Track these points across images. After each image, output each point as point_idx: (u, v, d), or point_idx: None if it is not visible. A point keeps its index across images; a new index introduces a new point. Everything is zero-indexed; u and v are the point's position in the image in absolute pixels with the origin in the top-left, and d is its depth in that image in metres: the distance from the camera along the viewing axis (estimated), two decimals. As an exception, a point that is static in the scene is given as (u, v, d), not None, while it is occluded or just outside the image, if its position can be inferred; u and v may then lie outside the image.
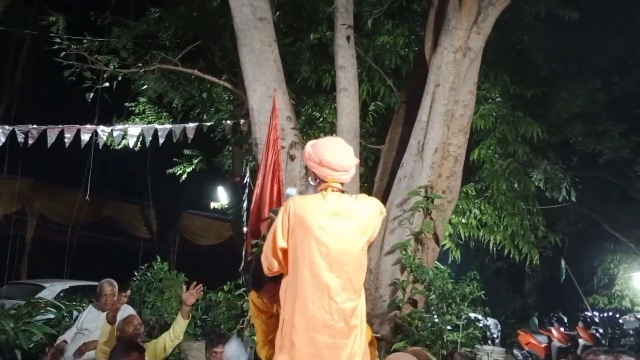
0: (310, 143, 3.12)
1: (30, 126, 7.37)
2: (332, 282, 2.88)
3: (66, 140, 7.52)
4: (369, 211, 3.02)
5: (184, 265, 7.43)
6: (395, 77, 8.29)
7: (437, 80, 6.14)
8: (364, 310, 2.99)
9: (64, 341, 5.78)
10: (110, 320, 4.74)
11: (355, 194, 3.11)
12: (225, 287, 7.40)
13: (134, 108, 9.88)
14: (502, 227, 8.74)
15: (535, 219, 8.86)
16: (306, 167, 6.25)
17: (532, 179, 9.39)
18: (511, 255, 8.91)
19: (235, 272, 8.86)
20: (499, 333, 12.44)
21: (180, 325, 4.90)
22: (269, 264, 2.99)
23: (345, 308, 2.89)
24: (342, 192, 3.02)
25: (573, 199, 10.20)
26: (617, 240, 16.48)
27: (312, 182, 3.09)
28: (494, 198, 8.76)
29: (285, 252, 2.93)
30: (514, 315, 16.52)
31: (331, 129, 9.02)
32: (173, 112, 9.90)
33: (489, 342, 10.52)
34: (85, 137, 7.69)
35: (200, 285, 4.88)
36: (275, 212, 3.31)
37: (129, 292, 4.91)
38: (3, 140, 7.49)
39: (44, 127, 7.40)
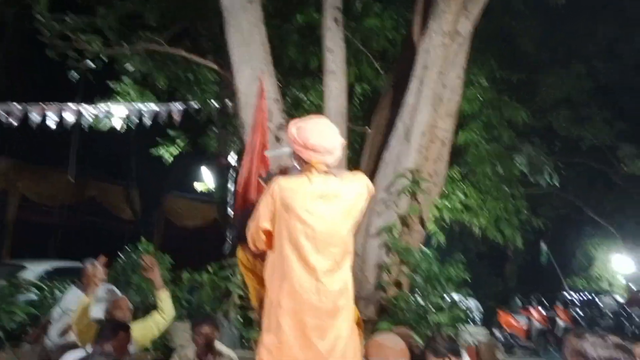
0: (294, 124, 3.08)
1: (12, 105, 7.24)
2: (319, 264, 2.90)
3: (49, 119, 7.41)
4: (355, 192, 3.03)
5: (168, 247, 7.42)
6: (383, 60, 8.29)
7: (425, 64, 6.15)
8: (351, 291, 3.02)
9: (48, 321, 5.76)
10: (87, 293, 4.65)
11: (340, 175, 3.11)
12: (209, 268, 7.41)
13: (118, 88, 9.77)
14: (486, 211, 8.82)
15: (519, 203, 8.96)
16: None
17: (517, 164, 9.47)
18: (494, 239, 9.01)
19: (220, 254, 8.87)
20: (480, 314, 12.61)
21: (162, 299, 4.85)
22: (253, 241, 3.02)
23: (332, 290, 2.92)
24: (328, 173, 3.02)
25: (556, 183, 10.30)
26: (597, 224, 16.73)
27: (296, 164, 3.09)
28: (478, 182, 8.83)
29: (268, 232, 2.95)
30: (495, 297, 16.73)
31: (317, 112, 8.97)
32: (158, 93, 9.80)
33: (470, 323, 10.66)
34: (69, 116, 7.57)
35: (149, 256, 4.82)
36: (264, 179, 3.33)
37: (105, 260, 4.79)
38: (-17, 118, 7.37)
39: (27, 105, 7.27)
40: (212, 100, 9.33)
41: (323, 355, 2.84)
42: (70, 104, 7.73)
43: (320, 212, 2.91)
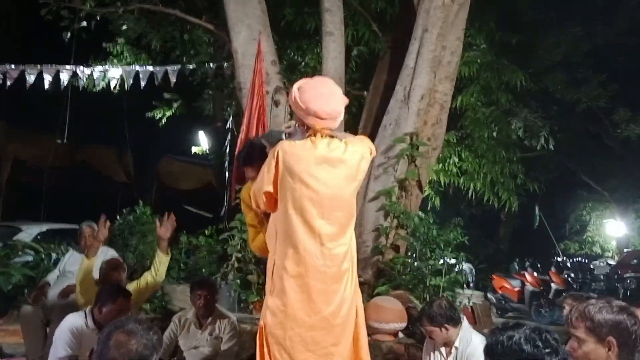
0: (297, 86, 3.01)
1: (7, 66, 7.11)
2: (323, 228, 2.89)
3: (45, 80, 7.29)
4: (359, 155, 3.00)
5: (163, 210, 7.35)
6: (380, 22, 8.15)
7: (425, 26, 6.06)
8: (354, 253, 3.04)
9: (47, 283, 5.76)
10: (88, 254, 4.66)
11: (344, 138, 3.08)
12: (206, 231, 7.43)
13: (111, 49, 9.59)
14: (482, 175, 8.84)
15: (515, 167, 8.98)
16: (292, 112, 6.20)
17: (513, 127, 9.46)
18: (490, 202, 9.06)
19: (215, 217, 8.87)
20: (474, 277, 12.76)
21: (161, 261, 4.83)
22: (256, 202, 3.01)
23: (337, 253, 2.93)
24: (332, 137, 2.98)
25: (551, 147, 10.33)
26: (591, 188, 16.83)
27: (298, 128, 3.04)
28: (475, 146, 8.82)
29: (270, 195, 2.93)
30: (487, 261, 16.93)
31: (314, 74, 8.85)
32: (152, 54, 9.64)
33: (464, 286, 10.81)
34: (64, 77, 7.46)
35: (173, 216, 4.80)
36: (265, 138, 3.30)
37: (108, 223, 4.78)
38: (-21, 80, 7.24)
39: (22, 67, 7.15)
40: (207, 62, 9.19)
41: (327, 318, 2.86)
42: (67, 66, 7.58)
43: (324, 177, 2.89)
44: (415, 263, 5.66)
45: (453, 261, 5.89)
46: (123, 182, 17.66)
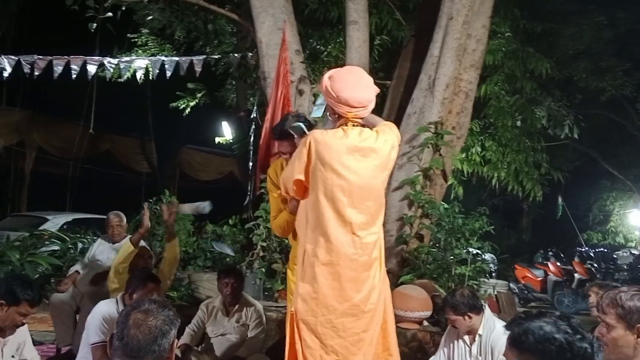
0: (328, 75, 3.06)
1: (36, 57, 7.19)
2: (354, 217, 2.92)
3: (73, 72, 7.37)
4: (390, 144, 3.03)
5: (184, 199, 7.45)
6: (403, 10, 8.09)
7: (451, 14, 6.01)
8: (382, 241, 3.06)
9: (77, 271, 5.87)
10: (135, 243, 4.78)
11: (375, 125, 3.10)
12: (230, 220, 7.48)
13: (136, 40, 9.66)
14: (506, 164, 8.77)
15: (539, 156, 8.90)
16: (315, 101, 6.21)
17: (537, 116, 9.36)
18: (514, 192, 8.99)
19: (238, 206, 8.92)
20: (495, 267, 12.73)
21: (170, 249, 4.98)
22: (285, 188, 3.05)
23: (367, 242, 2.96)
24: (363, 126, 3.01)
25: (575, 136, 10.21)
26: (614, 177, 16.64)
27: (330, 117, 3.06)
28: (498, 135, 8.75)
29: (300, 183, 2.96)
30: (509, 251, 16.85)
31: (336, 63, 8.87)
32: (175, 45, 9.70)
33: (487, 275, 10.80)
34: (91, 68, 7.54)
35: (175, 200, 4.91)
36: (297, 120, 3.33)
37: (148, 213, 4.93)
38: (9, 70, 7.33)
39: (50, 57, 7.23)
40: (230, 52, 9.22)
41: (358, 305, 2.90)
42: (94, 57, 7.67)
43: (356, 166, 2.91)
44: (440, 252, 5.65)
45: (476, 251, 5.87)
46: (146, 172, 17.84)
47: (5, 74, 7.49)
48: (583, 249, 13.35)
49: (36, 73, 7.21)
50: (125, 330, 1.99)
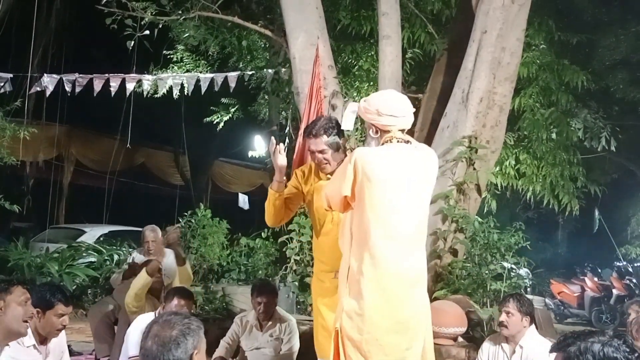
0: (362, 100, 3.14)
1: (77, 75, 7.43)
2: (400, 234, 2.91)
3: (112, 88, 7.57)
4: (432, 161, 3.04)
5: (216, 212, 7.57)
6: (434, 24, 8.09)
7: (484, 27, 5.99)
8: (425, 258, 3.05)
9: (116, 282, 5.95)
10: (150, 273, 4.87)
11: (414, 144, 3.11)
12: (262, 233, 7.54)
13: (172, 56, 9.87)
14: (541, 177, 8.65)
15: (575, 169, 8.75)
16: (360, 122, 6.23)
17: (573, 128, 9.21)
18: (550, 205, 8.85)
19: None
20: (530, 282, 12.52)
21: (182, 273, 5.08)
22: (330, 204, 3.06)
23: (413, 258, 2.95)
24: (407, 142, 3.02)
25: (613, 148, 10.01)
26: (654, 191, 16.23)
27: (373, 135, 3.08)
28: (533, 148, 8.64)
29: (345, 199, 2.97)
30: (544, 265, 16.56)
31: (368, 77, 8.91)
32: (210, 60, 9.87)
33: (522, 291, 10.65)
34: (129, 85, 7.73)
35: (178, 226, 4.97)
36: (329, 124, 3.49)
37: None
38: (51, 88, 7.58)
39: (90, 75, 7.46)
40: (262, 67, 9.35)
41: (403, 322, 2.88)
42: (132, 74, 7.88)
43: (401, 182, 2.92)
44: (475, 267, 5.59)
45: (509, 266, 5.80)
46: (179, 184, 18.09)
47: (48, 92, 7.74)
48: (621, 264, 13.04)
49: (77, 90, 7.43)
50: (144, 342, 2.05)
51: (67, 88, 7.51)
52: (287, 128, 8.84)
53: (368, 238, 2.88)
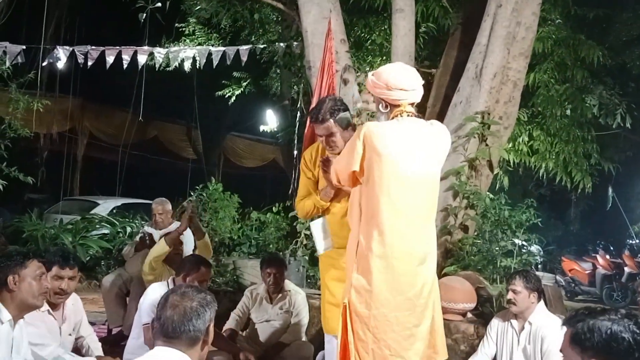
0: (370, 74, 3.10)
1: (89, 47, 7.43)
2: (410, 209, 2.90)
3: (124, 61, 7.58)
4: (443, 136, 3.02)
5: (228, 186, 7.60)
6: (449, -3, 7.97)
7: (500, 1, 5.89)
8: (435, 235, 3.05)
9: (128, 254, 6.03)
10: (169, 243, 4.93)
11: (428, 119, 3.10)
12: (273, 208, 7.57)
13: (184, 29, 9.83)
14: (554, 154, 8.57)
15: (589, 146, 8.66)
16: (361, 90, 6.19)
17: (588, 105, 9.09)
18: (562, 183, 8.79)
19: (281, 193, 9.01)
20: (542, 259, 12.51)
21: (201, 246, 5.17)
22: (338, 179, 3.08)
23: (422, 235, 2.95)
24: (417, 116, 3.00)
25: (628, 125, 9.88)
26: (669, 169, 16.05)
27: (383, 110, 3.05)
28: (547, 124, 8.55)
29: (354, 174, 2.97)
30: (556, 242, 16.50)
31: (381, 52, 8.82)
32: (222, 34, 9.81)
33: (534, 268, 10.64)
34: (141, 58, 7.72)
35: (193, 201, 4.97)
36: (335, 105, 3.48)
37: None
38: (64, 60, 7.60)
39: (103, 48, 7.46)
40: (274, 41, 9.29)
41: (411, 299, 2.89)
42: (144, 47, 7.88)
43: (411, 157, 2.90)
44: (485, 244, 5.59)
45: (520, 242, 5.78)
46: (192, 158, 18.18)
47: (60, 64, 7.76)
48: (634, 242, 12.98)
49: (89, 63, 7.44)
50: (162, 312, 2.11)
51: (80, 60, 7.52)
52: (299, 102, 8.80)
53: (377, 214, 2.88)
